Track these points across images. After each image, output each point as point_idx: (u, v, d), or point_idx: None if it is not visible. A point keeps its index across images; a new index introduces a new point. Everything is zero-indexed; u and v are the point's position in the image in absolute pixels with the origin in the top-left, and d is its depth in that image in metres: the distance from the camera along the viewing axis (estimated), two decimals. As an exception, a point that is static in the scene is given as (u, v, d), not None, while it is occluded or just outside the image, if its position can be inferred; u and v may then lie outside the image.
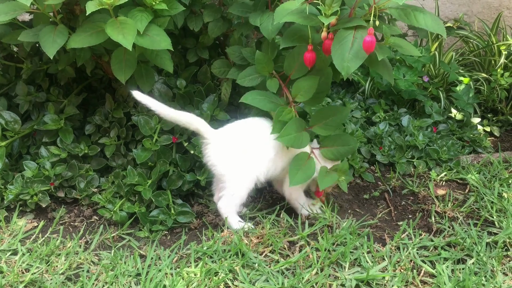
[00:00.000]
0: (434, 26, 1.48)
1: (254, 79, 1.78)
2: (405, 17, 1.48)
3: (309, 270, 1.52)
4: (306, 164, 1.68)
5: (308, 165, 1.68)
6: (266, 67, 1.74)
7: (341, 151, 1.74)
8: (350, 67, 1.46)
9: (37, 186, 1.83)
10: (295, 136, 1.65)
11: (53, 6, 1.62)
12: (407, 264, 1.55)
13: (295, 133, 1.65)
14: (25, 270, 1.54)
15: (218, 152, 1.70)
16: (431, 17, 1.48)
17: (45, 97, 2.03)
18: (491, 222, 1.78)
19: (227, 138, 1.71)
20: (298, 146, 1.66)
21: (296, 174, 1.67)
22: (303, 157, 1.69)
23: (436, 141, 2.25)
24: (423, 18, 1.47)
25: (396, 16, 1.48)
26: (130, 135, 1.98)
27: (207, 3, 1.95)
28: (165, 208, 1.78)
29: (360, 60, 1.46)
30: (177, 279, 1.47)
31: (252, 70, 1.79)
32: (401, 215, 1.87)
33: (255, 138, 1.71)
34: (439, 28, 1.49)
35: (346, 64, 1.46)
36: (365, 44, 1.42)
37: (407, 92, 2.45)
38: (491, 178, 2.05)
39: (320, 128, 1.73)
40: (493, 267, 1.55)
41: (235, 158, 1.69)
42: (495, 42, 2.80)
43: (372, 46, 1.42)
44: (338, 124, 1.77)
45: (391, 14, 1.50)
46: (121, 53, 1.67)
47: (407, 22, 1.48)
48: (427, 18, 1.48)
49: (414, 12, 1.48)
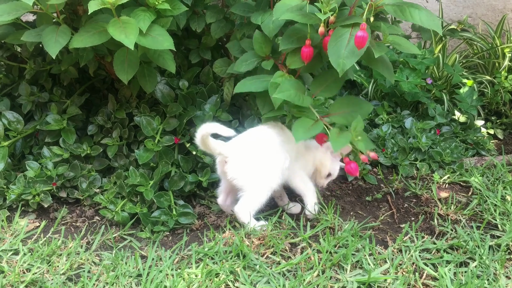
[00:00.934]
0: (429, 22, 1.48)
1: (250, 63, 1.76)
2: (401, 14, 1.48)
3: (310, 272, 1.51)
4: (313, 125, 1.58)
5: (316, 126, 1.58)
6: (264, 47, 1.72)
7: (353, 115, 1.60)
8: (346, 63, 1.45)
9: (39, 186, 1.83)
10: (294, 93, 1.56)
11: (56, 6, 1.62)
12: (409, 267, 1.54)
13: (294, 90, 1.57)
14: (26, 270, 1.54)
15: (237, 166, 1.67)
16: (426, 13, 1.48)
17: (48, 97, 2.03)
18: (494, 225, 1.77)
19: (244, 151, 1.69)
20: (299, 102, 1.57)
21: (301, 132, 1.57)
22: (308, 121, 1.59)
23: (439, 143, 2.24)
24: (418, 14, 1.47)
25: (392, 12, 1.48)
26: (132, 135, 1.98)
27: (210, 4, 1.95)
28: (167, 209, 1.78)
29: (355, 57, 1.46)
30: (178, 280, 1.47)
31: (249, 55, 1.77)
32: (403, 217, 1.86)
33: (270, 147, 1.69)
34: (434, 24, 1.48)
35: (342, 60, 1.45)
36: (357, 39, 1.42)
37: (410, 94, 2.44)
38: (495, 181, 2.04)
39: (322, 92, 1.66)
40: (495, 270, 1.54)
41: (254, 169, 1.67)
42: (499, 45, 2.79)
43: (364, 41, 1.42)
44: (339, 86, 1.69)
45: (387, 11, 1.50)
46: (124, 54, 1.67)
47: (402, 18, 1.48)
48: (422, 14, 1.47)
49: (409, 9, 1.48)
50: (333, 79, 1.65)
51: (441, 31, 1.49)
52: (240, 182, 1.68)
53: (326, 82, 1.66)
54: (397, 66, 2.53)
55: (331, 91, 1.68)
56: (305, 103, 1.59)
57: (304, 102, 1.59)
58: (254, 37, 1.72)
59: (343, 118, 1.63)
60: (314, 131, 1.58)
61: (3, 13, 1.56)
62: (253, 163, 1.68)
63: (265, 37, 1.71)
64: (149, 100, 2.03)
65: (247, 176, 1.67)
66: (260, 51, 1.72)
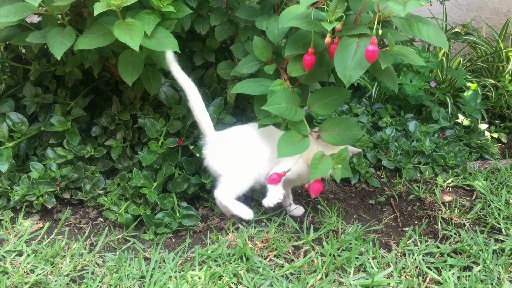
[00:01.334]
0: (437, 39, 1.47)
1: (252, 66, 1.76)
2: (409, 28, 1.47)
3: (313, 275, 1.51)
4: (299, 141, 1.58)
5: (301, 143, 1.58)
6: (265, 52, 1.71)
7: (343, 137, 1.62)
8: (353, 75, 1.44)
9: (43, 187, 1.84)
10: (285, 107, 1.56)
11: (61, 8, 1.63)
12: (412, 271, 1.54)
13: (285, 104, 1.56)
14: (30, 271, 1.54)
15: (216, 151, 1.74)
16: (434, 29, 1.47)
17: (52, 99, 2.03)
18: (498, 229, 1.76)
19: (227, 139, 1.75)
20: (289, 117, 1.56)
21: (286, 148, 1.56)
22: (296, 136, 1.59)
23: (443, 147, 2.24)
24: (426, 30, 1.46)
25: (400, 26, 1.47)
26: (136, 137, 1.98)
27: (214, 7, 1.95)
28: (170, 211, 1.78)
29: (362, 69, 1.45)
30: (181, 283, 1.47)
31: (251, 58, 1.77)
32: (407, 221, 1.86)
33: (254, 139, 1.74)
34: (441, 41, 1.47)
35: (349, 72, 1.44)
36: (368, 53, 1.41)
37: (414, 97, 2.44)
38: (498, 185, 2.04)
39: (319, 107, 1.64)
40: (499, 274, 1.53)
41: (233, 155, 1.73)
42: (503, 48, 2.78)
43: (375, 56, 1.41)
44: (338, 105, 1.68)
45: (394, 23, 1.50)
46: (128, 56, 1.68)
47: (410, 33, 1.47)
48: (430, 30, 1.46)
49: (417, 24, 1.47)
50: (333, 97, 1.64)
51: (447, 48, 1.49)
52: (217, 167, 1.73)
53: (325, 98, 1.64)
54: (401, 69, 2.53)
55: (328, 109, 1.65)
56: (297, 117, 1.57)
57: (295, 116, 1.57)
58: (253, 43, 1.70)
59: (333, 137, 1.62)
60: (299, 149, 1.56)
61: (9, 14, 1.56)
62: (232, 149, 1.72)
63: (265, 42, 1.71)
64: (153, 102, 2.04)
65: (225, 161, 1.72)
66: (261, 56, 1.71)
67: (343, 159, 1.55)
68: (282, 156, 1.56)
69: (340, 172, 1.54)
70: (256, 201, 1.93)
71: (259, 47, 1.71)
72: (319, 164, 1.53)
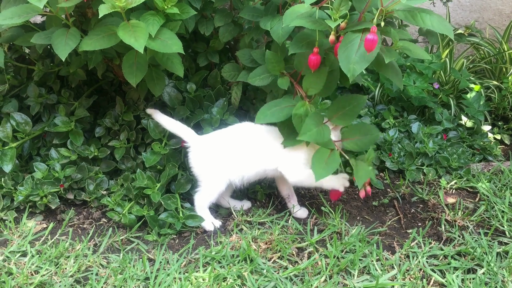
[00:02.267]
0: (441, 27, 1.47)
1: (265, 78, 1.77)
2: (412, 19, 1.47)
3: (317, 277, 1.51)
4: (329, 157, 1.63)
5: (331, 159, 1.62)
6: (277, 66, 1.72)
7: (364, 141, 1.68)
8: (356, 69, 1.44)
9: (47, 187, 1.84)
10: (316, 131, 1.60)
11: (66, 9, 1.62)
12: (416, 273, 1.54)
13: (315, 128, 1.60)
14: (35, 272, 1.55)
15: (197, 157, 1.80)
16: (438, 18, 1.47)
17: (56, 99, 2.04)
18: (502, 232, 1.76)
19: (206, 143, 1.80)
20: (321, 140, 1.61)
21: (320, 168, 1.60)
22: (325, 152, 1.63)
23: (446, 148, 2.23)
24: (429, 19, 1.46)
25: (403, 18, 1.47)
26: (139, 138, 1.98)
27: (218, 8, 1.95)
28: (174, 211, 1.78)
29: (366, 63, 1.45)
30: (186, 284, 1.47)
31: (263, 70, 1.78)
32: (410, 223, 1.86)
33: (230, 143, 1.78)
34: (446, 29, 1.47)
35: (352, 66, 1.44)
36: (367, 42, 1.40)
37: (417, 98, 2.44)
38: (502, 187, 2.04)
39: (338, 119, 1.68)
40: (503, 277, 1.53)
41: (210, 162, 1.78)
42: (507, 50, 2.78)
43: (374, 44, 1.40)
44: (356, 113, 1.71)
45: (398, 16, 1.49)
46: (132, 57, 1.68)
47: (413, 23, 1.47)
48: (433, 19, 1.46)
49: (420, 14, 1.47)
50: (351, 106, 1.67)
51: (453, 36, 1.48)
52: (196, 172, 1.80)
53: (343, 109, 1.67)
54: (404, 71, 2.53)
55: (349, 119, 1.69)
56: (326, 137, 1.62)
57: (324, 137, 1.61)
58: (266, 57, 1.71)
59: (355, 144, 1.69)
60: (331, 166, 1.60)
61: (14, 16, 1.56)
62: (206, 155, 1.78)
63: (277, 56, 1.72)
64: (157, 103, 2.04)
65: (202, 167, 1.79)
66: (273, 70, 1.72)
67: (371, 161, 1.65)
68: (320, 179, 1.58)
69: (372, 174, 1.64)
70: (259, 202, 1.94)
71: (272, 61, 1.72)
72: (360, 171, 1.61)
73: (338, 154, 1.63)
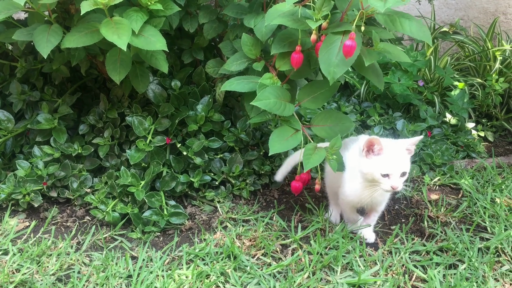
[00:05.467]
0: (419, 33, 1.47)
1: (241, 63, 1.75)
2: (391, 24, 1.47)
3: (301, 274, 1.52)
4: (291, 136, 1.59)
5: (293, 137, 1.59)
6: (253, 50, 1.71)
7: (334, 130, 1.64)
8: (336, 72, 1.44)
9: (30, 185, 1.82)
10: (274, 102, 1.56)
11: (48, 6, 1.61)
12: (399, 269, 1.56)
13: (274, 99, 1.57)
14: (16, 271, 1.53)
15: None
16: (417, 24, 1.48)
17: (39, 96, 2.02)
18: (484, 228, 1.78)
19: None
20: (278, 112, 1.57)
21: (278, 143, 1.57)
22: (289, 130, 1.60)
23: (430, 145, 2.25)
24: (408, 24, 1.47)
25: (382, 22, 1.47)
26: (124, 135, 1.97)
27: (203, 4, 1.94)
28: (158, 209, 1.78)
29: (346, 66, 1.45)
30: (169, 282, 1.47)
31: (239, 55, 1.76)
32: (394, 219, 1.87)
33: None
34: (424, 35, 1.48)
35: (333, 69, 1.44)
36: (345, 48, 1.41)
37: (402, 96, 2.46)
38: (484, 184, 2.06)
39: (308, 102, 1.66)
40: (484, 272, 1.55)
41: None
42: (491, 48, 2.81)
43: (352, 51, 1.41)
44: (327, 98, 1.69)
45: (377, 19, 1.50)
46: (116, 53, 1.67)
47: (393, 28, 1.48)
48: (412, 25, 1.47)
49: (400, 19, 1.47)
50: (322, 90, 1.65)
51: (431, 43, 1.49)
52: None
53: (314, 93, 1.65)
54: (389, 68, 2.54)
55: (319, 102, 1.66)
56: (287, 112, 1.58)
57: (285, 111, 1.57)
58: (242, 40, 1.70)
59: (325, 131, 1.64)
60: (290, 143, 1.57)
61: (-5, 12, 1.54)
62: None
63: (253, 39, 1.71)
64: (141, 100, 2.03)
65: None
66: (250, 53, 1.71)
67: (337, 150, 1.55)
68: (274, 152, 1.54)
69: (335, 163, 1.55)
70: (244, 199, 1.94)
71: (248, 44, 1.70)
72: (312, 155, 1.53)
73: (301, 134, 1.59)
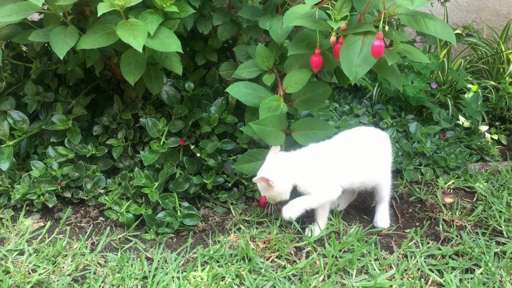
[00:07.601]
0: (444, 33, 1.47)
1: (252, 72, 1.77)
2: (415, 24, 1.47)
3: (316, 277, 1.51)
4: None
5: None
6: (266, 61, 1.72)
7: (312, 136, 1.68)
8: (358, 72, 1.45)
9: (44, 186, 1.83)
10: (269, 131, 1.62)
11: (64, 7, 1.62)
12: (414, 273, 1.54)
13: (271, 128, 1.62)
14: (32, 271, 1.54)
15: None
16: (441, 24, 1.48)
17: (53, 97, 2.03)
18: (500, 232, 1.77)
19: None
20: (269, 140, 1.63)
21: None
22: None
23: (444, 148, 2.24)
24: (432, 24, 1.47)
25: (406, 22, 1.47)
26: (137, 136, 1.98)
27: (217, 6, 1.95)
28: (172, 210, 1.78)
29: (368, 66, 1.46)
30: (184, 283, 1.47)
31: (252, 63, 1.78)
32: (408, 222, 1.86)
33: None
34: (448, 35, 1.48)
35: (355, 69, 1.45)
36: (374, 48, 1.41)
37: (415, 98, 2.44)
38: (499, 187, 2.04)
39: (302, 102, 1.68)
40: (501, 277, 1.54)
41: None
42: (504, 50, 2.79)
43: (381, 51, 1.41)
44: (321, 101, 1.71)
45: (400, 20, 1.50)
46: (131, 55, 1.67)
47: (416, 28, 1.47)
48: (436, 25, 1.47)
49: (424, 19, 1.47)
50: (317, 92, 1.68)
51: (455, 42, 1.49)
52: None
53: (309, 93, 1.67)
54: (402, 70, 2.53)
55: (312, 105, 1.69)
56: (277, 142, 1.64)
57: (276, 141, 1.64)
58: (257, 50, 1.72)
59: (302, 137, 1.70)
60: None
61: (12, 13, 1.55)
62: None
63: (268, 51, 1.72)
64: (155, 102, 2.03)
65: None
66: (262, 64, 1.72)
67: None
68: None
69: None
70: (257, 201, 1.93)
71: (262, 55, 1.72)
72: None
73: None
